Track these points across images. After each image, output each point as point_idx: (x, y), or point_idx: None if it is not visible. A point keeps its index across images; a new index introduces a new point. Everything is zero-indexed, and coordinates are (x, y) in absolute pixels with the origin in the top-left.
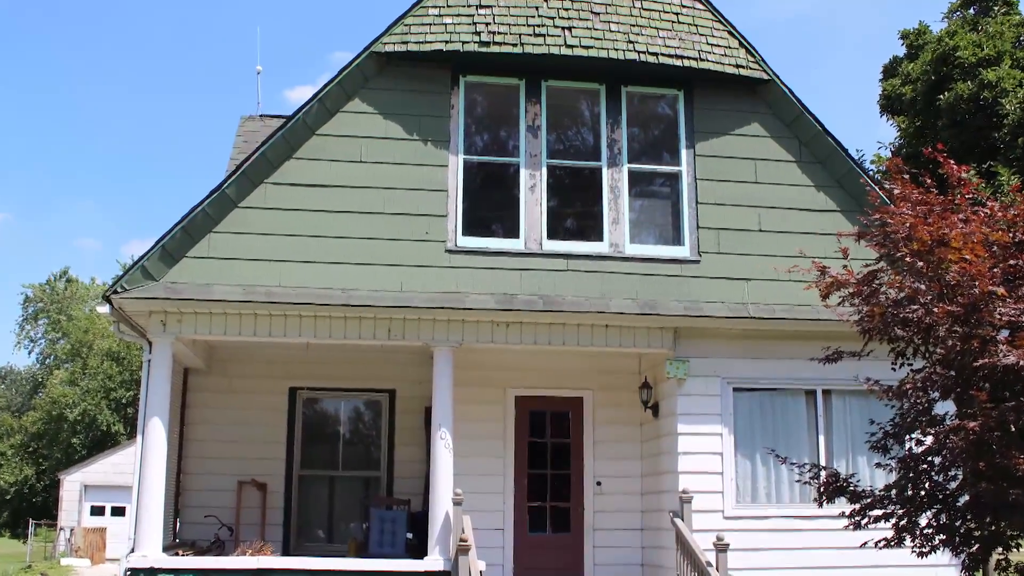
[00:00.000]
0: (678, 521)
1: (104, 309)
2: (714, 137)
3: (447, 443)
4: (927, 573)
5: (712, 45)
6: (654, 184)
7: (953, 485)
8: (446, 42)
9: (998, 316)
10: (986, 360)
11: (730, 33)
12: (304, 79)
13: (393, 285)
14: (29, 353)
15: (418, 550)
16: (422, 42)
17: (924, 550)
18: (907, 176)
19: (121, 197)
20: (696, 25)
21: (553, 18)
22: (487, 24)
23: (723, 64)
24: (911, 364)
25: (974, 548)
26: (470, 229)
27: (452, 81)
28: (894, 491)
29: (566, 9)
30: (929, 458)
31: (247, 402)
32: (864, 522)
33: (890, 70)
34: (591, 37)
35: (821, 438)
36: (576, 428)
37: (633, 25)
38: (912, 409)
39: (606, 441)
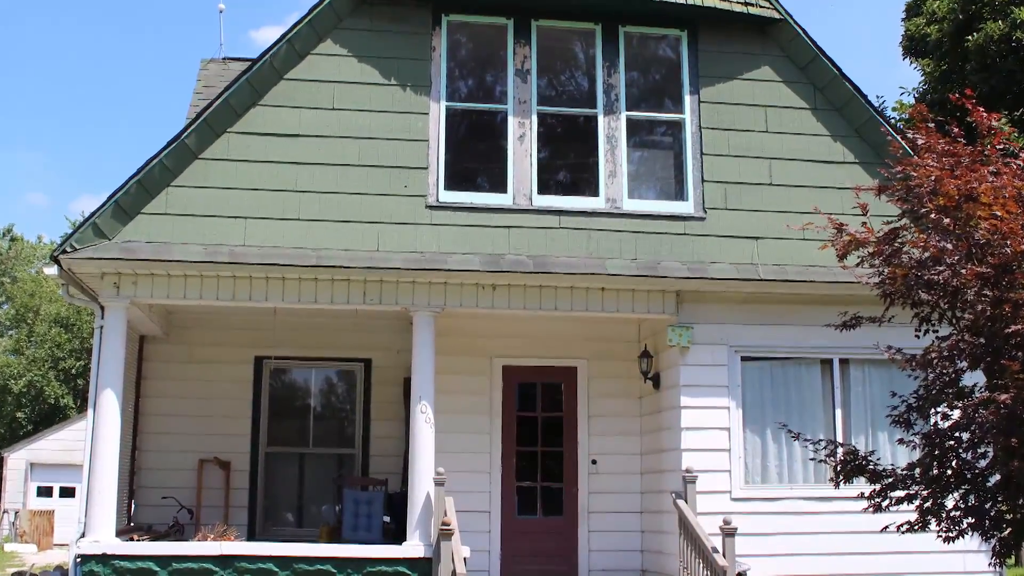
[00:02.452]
0: (681, 503)
1: (52, 270)
2: (721, 82)
3: (428, 417)
4: (954, 559)
5: None
6: (655, 133)
7: (983, 463)
8: None
9: None
10: (1019, 327)
11: None
12: (271, 19)
13: (369, 244)
14: None
15: (396, 535)
16: None
17: (951, 534)
18: (932, 125)
19: (71, 148)
20: None
21: None
22: None
23: (730, 2)
24: (936, 331)
25: (1006, 532)
26: (453, 183)
27: (433, 20)
28: (918, 470)
29: None
30: (956, 434)
31: (209, 373)
32: (885, 504)
33: (914, 8)
34: None
35: (838, 412)
36: (569, 401)
37: None
38: (937, 380)
39: (602, 415)
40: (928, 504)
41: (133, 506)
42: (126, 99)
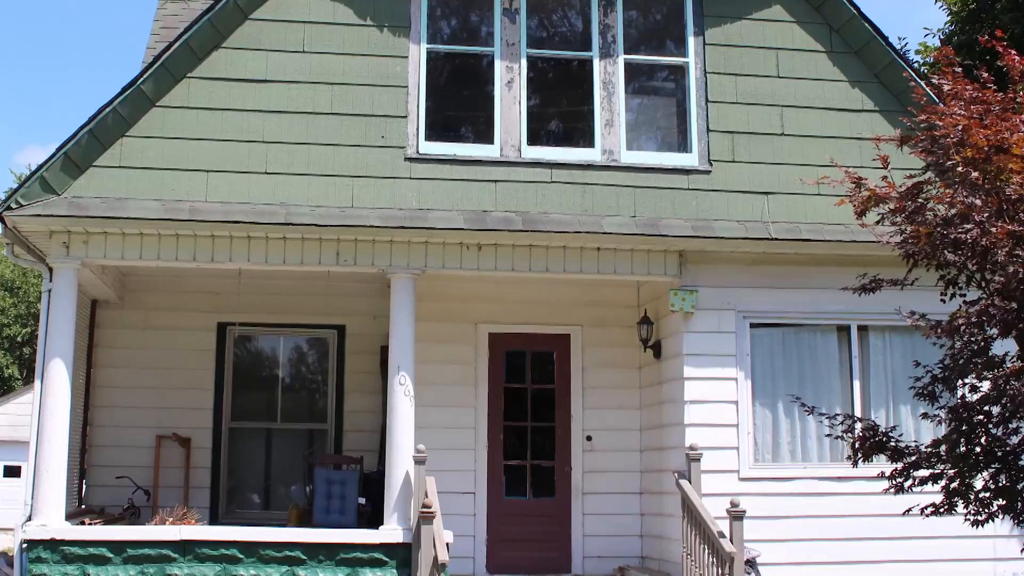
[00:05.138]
0: (684, 483)
1: None
2: (728, 22)
3: (407, 390)
4: (983, 544)
5: None
6: (656, 79)
7: (1015, 440)
8: None
9: None
10: None
11: None
12: None
13: (343, 200)
14: None
15: (372, 518)
16: None
17: (980, 517)
18: (959, 69)
19: (15, 94)
20: None
21: None
22: None
23: None
24: (964, 295)
25: None
26: (435, 133)
27: None
28: (944, 447)
29: None
30: (986, 407)
31: (167, 341)
32: (908, 484)
33: None
34: None
35: (856, 383)
36: (562, 372)
37: None
38: (965, 349)
39: (598, 387)
40: (955, 484)
41: (84, 487)
42: (77, 41)
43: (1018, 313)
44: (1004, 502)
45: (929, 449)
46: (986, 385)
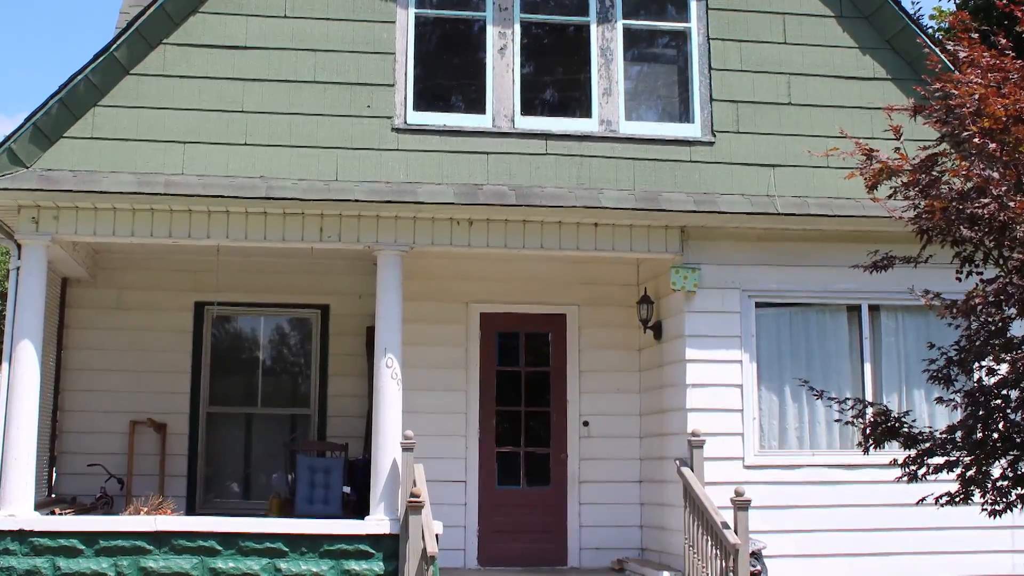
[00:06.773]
0: (686, 471)
1: None
2: None
3: (394, 372)
4: (1001, 536)
5: None
6: (656, 46)
7: None
8: None
9: None
10: None
11: None
12: None
13: (327, 173)
14: None
15: (358, 508)
16: None
17: (997, 507)
18: (976, 35)
19: None
20: None
21: None
22: None
23: None
24: (981, 273)
25: None
26: (424, 102)
27: None
28: (959, 433)
29: None
30: (1003, 391)
31: (142, 321)
32: (922, 472)
33: None
34: None
35: (867, 366)
36: (557, 354)
37: None
38: (982, 329)
39: (595, 370)
40: (971, 472)
41: (55, 475)
42: (47, 5)
43: None
44: (1023, 491)
45: (944, 435)
46: (1004, 368)
